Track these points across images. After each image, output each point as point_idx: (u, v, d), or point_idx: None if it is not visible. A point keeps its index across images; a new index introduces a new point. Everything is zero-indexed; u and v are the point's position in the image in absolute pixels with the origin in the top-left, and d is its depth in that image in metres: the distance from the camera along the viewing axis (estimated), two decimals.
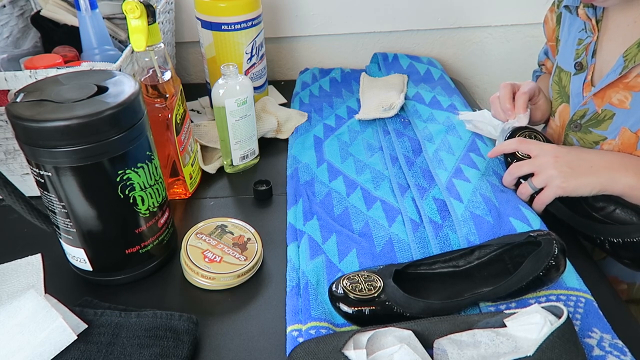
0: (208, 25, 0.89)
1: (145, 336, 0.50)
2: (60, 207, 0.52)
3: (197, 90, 1.06)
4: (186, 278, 0.60)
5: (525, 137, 0.70)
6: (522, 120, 0.73)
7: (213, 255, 0.60)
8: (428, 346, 0.47)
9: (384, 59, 1.12)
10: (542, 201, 0.64)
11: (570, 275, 0.56)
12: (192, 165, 0.75)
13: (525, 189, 0.65)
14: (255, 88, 0.94)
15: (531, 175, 0.64)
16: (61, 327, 0.48)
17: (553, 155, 0.63)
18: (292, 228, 0.67)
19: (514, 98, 0.75)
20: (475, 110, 0.85)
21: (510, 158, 0.69)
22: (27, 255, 0.61)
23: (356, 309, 0.52)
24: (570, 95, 0.72)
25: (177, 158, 0.70)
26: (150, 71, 0.65)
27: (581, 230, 0.63)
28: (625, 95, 0.63)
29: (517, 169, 0.66)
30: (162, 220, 0.60)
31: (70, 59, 0.80)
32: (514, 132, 0.72)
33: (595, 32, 0.69)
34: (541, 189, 0.64)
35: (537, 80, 0.94)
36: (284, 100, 1.06)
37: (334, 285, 0.54)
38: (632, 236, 0.58)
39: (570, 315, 0.47)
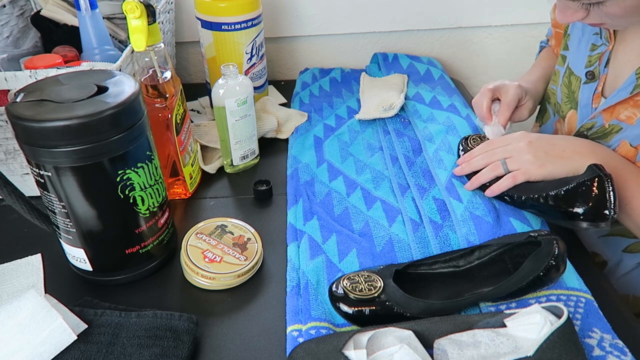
0: (208, 25, 0.89)
1: (145, 336, 0.50)
2: (60, 207, 0.52)
3: (197, 90, 1.06)
4: (186, 278, 0.60)
5: (472, 141, 0.72)
6: (497, 131, 0.74)
7: (213, 255, 0.59)
8: (428, 346, 0.47)
9: (384, 59, 1.12)
10: (507, 184, 0.62)
11: (570, 275, 0.56)
12: (192, 165, 0.75)
13: (498, 169, 0.64)
14: (255, 88, 0.94)
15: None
16: (61, 327, 0.48)
17: (526, 141, 0.63)
18: (292, 228, 0.67)
19: (493, 101, 0.76)
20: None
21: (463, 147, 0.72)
22: (27, 255, 0.61)
23: (356, 309, 0.52)
24: (579, 104, 0.71)
25: (177, 158, 0.70)
26: (150, 71, 0.65)
27: (524, 195, 0.61)
28: (634, 112, 0.62)
29: (491, 155, 0.65)
30: (162, 220, 0.60)
31: (70, 59, 0.80)
32: (467, 139, 0.74)
33: (611, 41, 0.67)
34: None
35: (541, 52, 0.93)
36: (284, 100, 1.06)
37: (334, 285, 0.54)
38: (570, 183, 0.57)
39: (571, 315, 0.47)
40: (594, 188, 0.55)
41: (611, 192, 0.55)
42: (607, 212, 0.55)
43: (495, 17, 1.15)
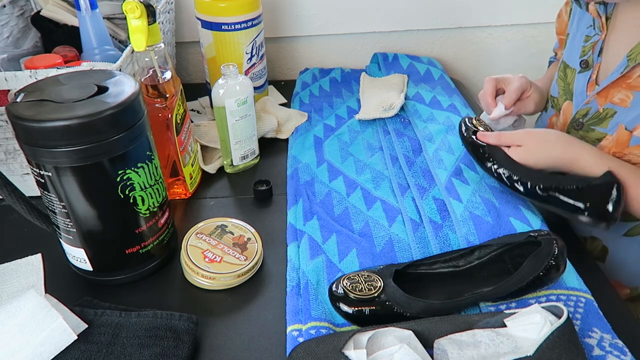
0: (208, 25, 0.89)
1: (145, 336, 0.50)
2: (60, 207, 0.52)
3: (197, 90, 1.06)
4: (186, 278, 0.60)
5: (476, 120, 0.73)
6: (499, 112, 0.74)
7: (213, 255, 0.59)
8: (428, 346, 0.47)
9: (384, 59, 1.12)
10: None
11: (570, 275, 0.56)
12: (192, 165, 0.75)
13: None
14: (255, 88, 0.94)
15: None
16: (61, 327, 0.48)
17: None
18: (292, 228, 0.67)
19: (497, 93, 0.77)
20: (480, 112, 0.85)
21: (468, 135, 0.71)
22: (27, 255, 0.61)
23: (356, 309, 0.52)
24: (574, 93, 0.72)
25: (177, 158, 0.70)
26: (150, 71, 0.65)
27: (540, 183, 0.62)
28: (627, 95, 0.63)
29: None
30: (162, 220, 0.60)
31: (70, 59, 0.80)
32: (470, 119, 0.74)
33: (604, 30, 0.68)
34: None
35: (550, 67, 0.94)
36: (284, 100, 1.06)
37: (334, 285, 0.54)
38: (590, 181, 0.59)
39: (571, 315, 0.47)
40: (611, 190, 0.58)
41: (621, 198, 0.58)
42: (613, 214, 0.58)
43: (495, 17, 1.15)
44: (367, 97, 0.97)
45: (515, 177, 0.63)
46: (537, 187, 0.62)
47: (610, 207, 0.58)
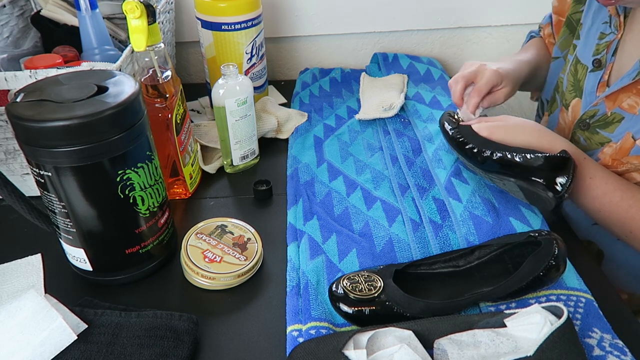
0: (208, 25, 0.89)
1: (145, 336, 0.50)
2: (60, 207, 0.52)
3: (197, 90, 1.06)
4: (186, 278, 0.60)
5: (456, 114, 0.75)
6: (467, 116, 0.74)
7: (213, 255, 0.60)
8: (428, 346, 0.47)
9: (384, 59, 1.12)
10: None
11: (570, 275, 0.56)
12: (192, 165, 0.75)
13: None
14: (255, 88, 0.94)
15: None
16: (61, 327, 0.48)
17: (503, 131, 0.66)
18: (292, 228, 0.67)
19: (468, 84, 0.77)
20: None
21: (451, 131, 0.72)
22: (27, 255, 0.61)
23: (356, 309, 0.52)
24: (584, 92, 0.71)
25: (177, 158, 0.70)
26: (150, 71, 0.65)
27: (497, 151, 0.63)
28: (637, 101, 0.62)
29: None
30: (162, 220, 0.60)
31: (70, 59, 0.80)
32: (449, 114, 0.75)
33: (620, 29, 0.66)
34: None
35: (529, 41, 0.92)
36: (284, 100, 1.06)
37: (334, 285, 0.54)
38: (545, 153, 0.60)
39: (571, 315, 0.47)
40: (563, 163, 0.58)
41: (572, 176, 0.58)
42: (561, 186, 0.58)
43: (495, 17, 1.15)
44: (367, 97, 0.97)
45: (482, 150, 0.65)
46: (493, 154, 0.63)
47: (560, 181, 0.58)
